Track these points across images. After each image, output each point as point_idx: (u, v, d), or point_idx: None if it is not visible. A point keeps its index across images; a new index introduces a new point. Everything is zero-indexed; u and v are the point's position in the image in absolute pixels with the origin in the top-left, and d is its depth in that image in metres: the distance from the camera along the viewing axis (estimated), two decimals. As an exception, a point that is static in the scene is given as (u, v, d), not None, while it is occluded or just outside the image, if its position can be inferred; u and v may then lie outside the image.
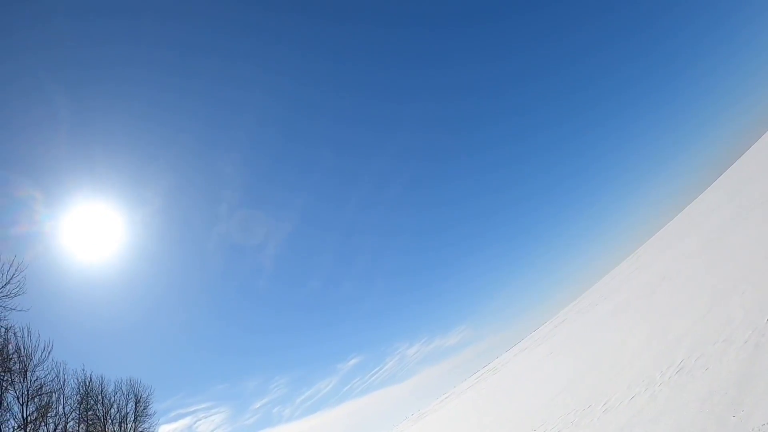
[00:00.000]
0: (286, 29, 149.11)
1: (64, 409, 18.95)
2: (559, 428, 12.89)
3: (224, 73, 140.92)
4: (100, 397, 21.09)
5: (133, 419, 22.58)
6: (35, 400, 17.42)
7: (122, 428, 21.88)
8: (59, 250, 44.66)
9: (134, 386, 22.99)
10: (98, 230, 60.92)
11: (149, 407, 23.65)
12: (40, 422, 17.52)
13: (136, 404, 22.85)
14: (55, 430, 18.23)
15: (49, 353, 17.76)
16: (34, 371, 17.35)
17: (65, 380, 18.92)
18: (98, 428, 20.63)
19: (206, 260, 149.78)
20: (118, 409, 21.96)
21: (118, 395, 22.11)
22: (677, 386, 9.15)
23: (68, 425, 18.97)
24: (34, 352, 17.32)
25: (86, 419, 20.16)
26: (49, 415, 18.05)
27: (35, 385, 17.37)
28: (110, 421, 21.34)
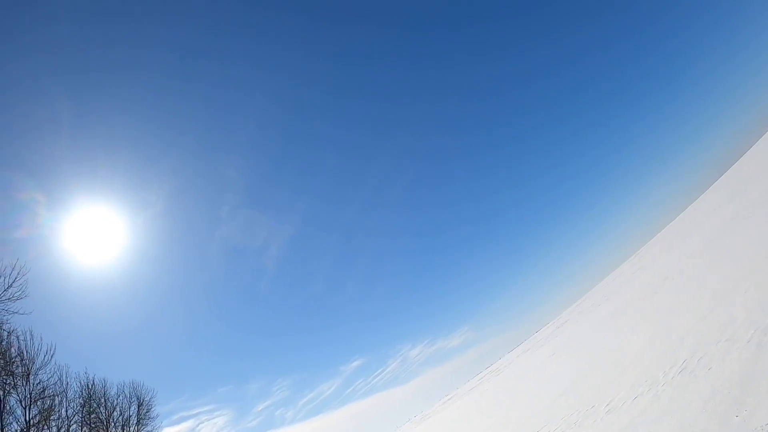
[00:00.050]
0: (286, 31, 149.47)
1: (66, 412, 19.00)
2: (562, 429, 12.86)
3: (225, 75, 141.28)
4: (102, 400, 21.13)
5: (135, 422, 22.61)
6: (38, 403, 17.45)
7: (125, 431, 21.89)
8: (61, 253, 44.82)
9: (137, 389, 23.06)
10: (100, 233, 61.08)
11: (152, 410, 23.72)
12: (42, 425, 17.54)
13: (138, 407, 22.88)
14: (57, 433, 18.25)
15: (51, 356, 17.84)
16: (36, 374, 17.41)
17: (68, 383, 19.00)
18: (101, 431, 20.65)
19: (208, 263, 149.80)
20: (120, 412, 22.01)
21: (120, 398, 22.18)
22: (680, 386, 9.14)
23: (71, 428, 19.00)
24: (36, 355, 17.39)
25: (89, 422, 20.18)
26: (51, 418, 18.07)
27: (38, 388, 17.41)
28: (113, 424, 21.36)
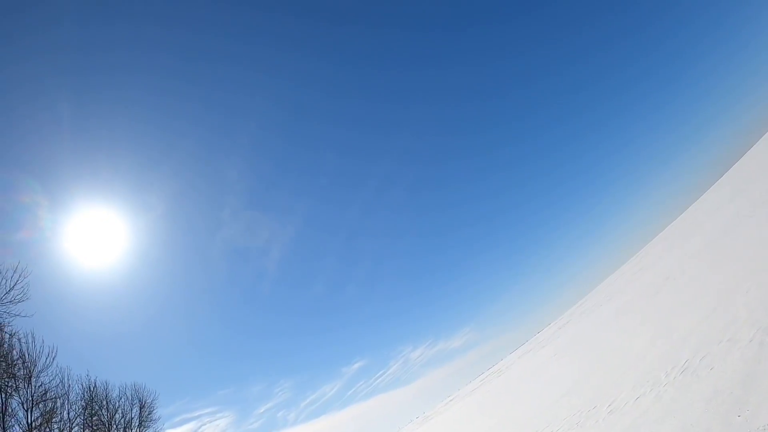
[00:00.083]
0: (286, 33, 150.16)
1: (68, 414, 18.99)
2: (564, 429, 12.82)
3: (226, 77, 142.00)
4: (104, 402, 21.11)
5: (137, 424, 22.59)
6: (40, 405, 17.45)
7: (126, 433, 21.88)
8: (63, 255, 44.98)
9: (139, 391, 23.03)
10: (102, 235, 61.36)
11: (154, 412, 23.66)
12: (44, 428, 17.55)
13: (140, 409, 22.86)
14: (59, 435, 18.26)
15: (53, 359, 17.82)
16: (38, 377, 17.39)
17: (70, 386, 18.97)
18: (103, 433, 20.65)
19: (210, 264, 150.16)
20: (122, 414, 21.99)
21: (122, 400, 22.15)
22: (682, 386, 9.10)
23: (73, 431, 19.00)
24: (38, 357, 17.38)
25: (91, 425, 20.18)
26: (53, 421, 18.09)
27: (39, 390, 17.41)
28: (115, 426, 21.35)
